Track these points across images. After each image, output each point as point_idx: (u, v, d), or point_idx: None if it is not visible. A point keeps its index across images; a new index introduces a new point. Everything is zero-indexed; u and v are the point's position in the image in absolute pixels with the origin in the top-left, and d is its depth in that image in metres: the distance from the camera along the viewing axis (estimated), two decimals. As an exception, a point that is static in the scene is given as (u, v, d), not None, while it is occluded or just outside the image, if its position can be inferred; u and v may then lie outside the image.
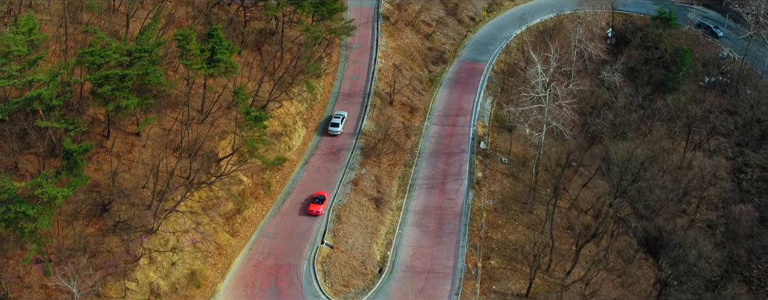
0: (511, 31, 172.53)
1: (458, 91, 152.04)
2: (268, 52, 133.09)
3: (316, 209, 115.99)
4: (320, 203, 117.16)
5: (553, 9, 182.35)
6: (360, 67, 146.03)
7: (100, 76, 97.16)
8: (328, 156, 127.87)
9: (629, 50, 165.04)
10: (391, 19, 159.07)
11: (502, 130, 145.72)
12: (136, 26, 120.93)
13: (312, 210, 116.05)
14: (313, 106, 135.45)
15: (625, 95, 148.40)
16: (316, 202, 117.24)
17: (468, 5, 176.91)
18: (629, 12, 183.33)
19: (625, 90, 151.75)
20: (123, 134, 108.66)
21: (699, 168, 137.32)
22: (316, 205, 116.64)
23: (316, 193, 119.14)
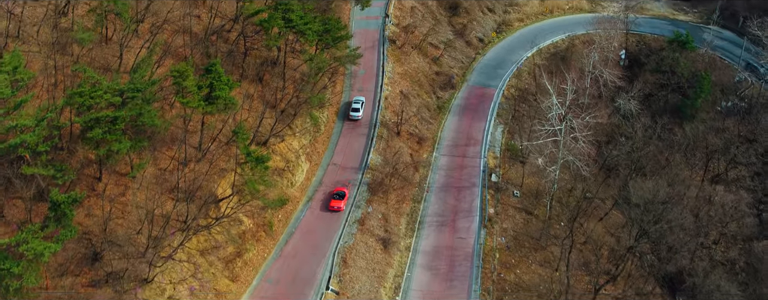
0: (522, 54, 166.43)
1: (468, 118, 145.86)
2: (269, 83, 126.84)
3: (337, 205, 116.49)
4: (340, 199, 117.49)
5: (564, 29, 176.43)
6: (366, 95, 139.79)
7: (89, 119, 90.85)
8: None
9: (644, 75, 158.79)
10: (397, 42, 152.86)
11: (514, 161, 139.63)
12: (130, 57, 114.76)
13: (333, 206, 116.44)
14: (316, 138, 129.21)
15: (643, 126, 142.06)
16: (337, 198, 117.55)
17: (476, 26, 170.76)
18: (643, 33, 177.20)
19: (643, 120, 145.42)
20: (116, 176, 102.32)
21: (720, 204, 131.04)
22: (337, 201, 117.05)
23: (335, 189, 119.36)
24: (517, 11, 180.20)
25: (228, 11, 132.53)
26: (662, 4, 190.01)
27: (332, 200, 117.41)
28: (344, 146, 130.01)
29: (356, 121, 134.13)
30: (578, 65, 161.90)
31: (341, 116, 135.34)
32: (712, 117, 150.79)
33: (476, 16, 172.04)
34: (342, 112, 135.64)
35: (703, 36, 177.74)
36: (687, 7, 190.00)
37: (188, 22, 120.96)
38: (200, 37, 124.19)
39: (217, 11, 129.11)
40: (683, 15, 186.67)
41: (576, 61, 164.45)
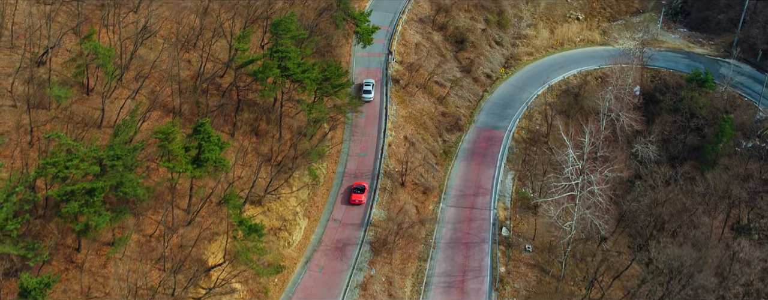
0: (532, 91, 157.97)
1: (476, 164, 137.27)
2: (265, 134, 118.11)
3: (358, 198, 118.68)
4: (361, 193, 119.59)
5: (575, 64, 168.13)
6: (368, 141, 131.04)
7: (65, 192, 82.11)
8: (333, 253, 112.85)
9: (662, 116, 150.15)
10: (401, 81, 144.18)
11: (525, 211, 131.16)
12: (114, 108, 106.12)
13: (354, 200, 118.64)
14: (315, 192, 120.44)
15: (662, 176, 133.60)
16: (358, 192, 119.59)
17: (484, 61, 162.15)
18: (658, 67, 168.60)
19: (662, 169, 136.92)
20: (97, 244, 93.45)
21: (745, 261, 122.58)
22: (358, 195, 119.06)
23: (355, 184, 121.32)
24: (526, 44, 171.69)
25: (220, 53, 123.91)
26: (677, 36, 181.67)
27: (353, 194, 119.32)
28: (345, 200, 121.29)
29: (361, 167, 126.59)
30: (591, 103, 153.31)
31: (343, 164, 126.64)
32: (735, 162, 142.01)
33: (483, 50, 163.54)
34: (342, 162, 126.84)
35: (720, 70, 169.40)
36: (703, 39, 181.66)
37: (177, 69, 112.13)
38: (190, 85, 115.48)
39: (209, 55, 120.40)
40: (699, 48, 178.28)
41: (589, 99, 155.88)
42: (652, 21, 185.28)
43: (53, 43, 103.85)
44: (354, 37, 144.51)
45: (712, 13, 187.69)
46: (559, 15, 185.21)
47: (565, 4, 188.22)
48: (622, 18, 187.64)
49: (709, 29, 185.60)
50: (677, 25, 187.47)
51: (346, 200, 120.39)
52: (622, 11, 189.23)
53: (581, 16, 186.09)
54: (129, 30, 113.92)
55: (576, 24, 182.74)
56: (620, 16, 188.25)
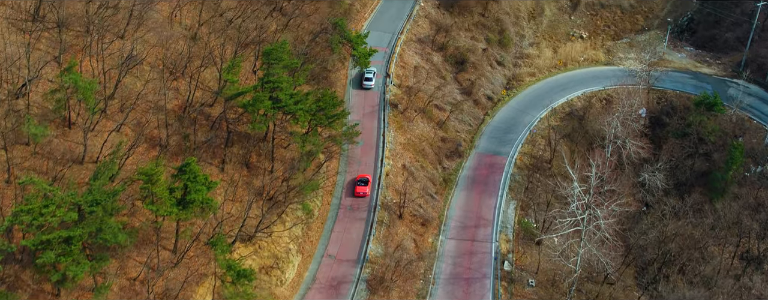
0: (534, 114, 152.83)
1: (477, 193, 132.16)
2: (257, 165, 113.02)
3: (362, 190, 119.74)
4: (365, 185, 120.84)
5: (579, 85, 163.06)
6: (364, 170, 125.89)
7: (40, 241, 77.04)
8: (327, 291, 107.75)
9: (669, 143, 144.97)
10: (399, 106, 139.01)
11: (528, 242, 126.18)
12: (97, 142, 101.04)
13: (359, 192, 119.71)
14: (309, 226, 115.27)
15: (671, 209, 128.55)
16: (361, 184, 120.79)
17: (485, 83, 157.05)
18: (664, 88, 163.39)
19: (671, 202, 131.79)
20: (77, 290, 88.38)
21: (757, 297, 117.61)
22: (362, 187, 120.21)
23: (359, 176, 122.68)
24: (528, 64, 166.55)
25: (210, 81, 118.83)
26: (684, 55, 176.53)
27: (357, 187, 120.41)
28: (341, 233, 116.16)
29: (359, 199, 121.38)
30: (596, 126, 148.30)
31: (338, 196, 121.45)
32: (745, 191, 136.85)
33: (484, 71, 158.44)
34: (337, 194, 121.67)
35: (728, 91, 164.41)
36: (710, 58, 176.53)
37: (164, 100, 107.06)
38: (178, 116, 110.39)
39: (198, 82, 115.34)
40: (707, 67, 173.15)
41: (594, 122, 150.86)
42: (658, 39, 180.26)
43: (33, 74, 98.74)
44: (350, 60, 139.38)
45: (719, 31, 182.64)
46: (562, 33, 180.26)
47: (569, 22, 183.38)
48: (627, 36, 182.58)
49: (717, 48, 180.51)
50: (683, 43, 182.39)
51: (341, 236, 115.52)
52: (626, 29, 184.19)
53: (585, 35, 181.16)
54: (114, 58, 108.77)
55: (579, 43, 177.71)
56: (625, 34, 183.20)
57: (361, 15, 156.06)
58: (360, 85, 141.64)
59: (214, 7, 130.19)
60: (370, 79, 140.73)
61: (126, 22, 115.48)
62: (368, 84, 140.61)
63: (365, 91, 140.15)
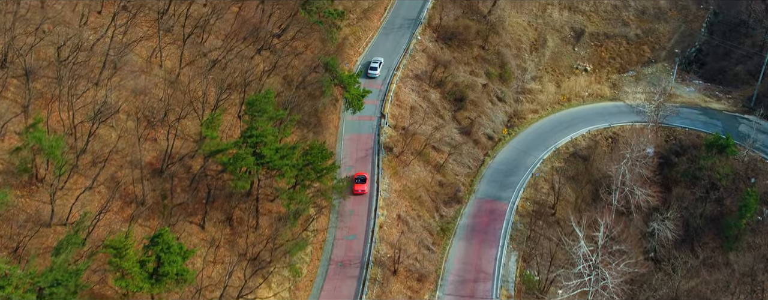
0: (537, 155, 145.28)
1: (476, 243, 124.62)
2: (240, 222, 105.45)
3: (361, 188, 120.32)
4: (363, 183, 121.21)
5: (584, 122, 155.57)
6: (356, 221, 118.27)
7: (-8, 330, 69.46)
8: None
9: (680, 189, 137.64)
10: (395, 149, 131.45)
11: (530, 298, 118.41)
12: (68, 200, 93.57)
13: (357, 190, 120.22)
14: (297, 285, 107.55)
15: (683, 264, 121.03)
16: (359, 182, 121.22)
17: (485, 120, 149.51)
18: (672, 126, 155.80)
19: (681, 257, 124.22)
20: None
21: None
22: (360, 185, 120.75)
23: (356, 174, 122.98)
24: (530, 100, 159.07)
25: (190, 129, 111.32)
26: (692, 89, 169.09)
27: (356, 184, 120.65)
28: (331, 292, 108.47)
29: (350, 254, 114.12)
30: (601, 166, 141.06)
31: (328, 252, 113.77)
32: (760, 240, 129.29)
33: (485, 108, 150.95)
34: (328, 248, 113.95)
35: (739, 128, 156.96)
36: (720, 92, 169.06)
37: (139, 154, 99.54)
38: (155, 169, 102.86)
39: (179, 131, 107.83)
40: (716, 102, 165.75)
41: (599, 162, 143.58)
42: (665, 72, 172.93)
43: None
44: (343, 102, 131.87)
45: (728, 63, 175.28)
46: (566, 66, 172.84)
47: (572, 54, 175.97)
48: (633, 69, 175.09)
49: (726, 81, 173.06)
50: (691, 76, 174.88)
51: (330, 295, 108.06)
52: (632, 61, 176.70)
53: (589, 67, 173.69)
54: (88, 108, 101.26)
55: (584, 77, 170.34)
56: (631, 67, 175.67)
57: (355, 49, 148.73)
58: (366, 74, 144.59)
59: (197, 47, 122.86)
60: (375, 68, 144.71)
61: (101, 68, 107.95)
62: (373, 73, 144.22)
63: (359, 135, 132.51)
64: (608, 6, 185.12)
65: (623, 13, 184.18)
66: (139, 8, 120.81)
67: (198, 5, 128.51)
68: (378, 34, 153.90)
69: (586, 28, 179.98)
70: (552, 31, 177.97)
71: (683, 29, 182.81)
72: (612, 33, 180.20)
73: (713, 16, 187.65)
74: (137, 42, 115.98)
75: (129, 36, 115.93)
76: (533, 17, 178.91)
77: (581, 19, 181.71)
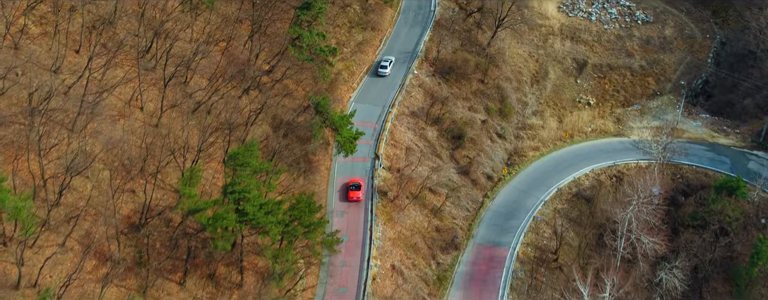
0: (538, 196, 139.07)
1: (475, 293, 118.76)
2: (224, 278, 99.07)
3: (356, 195, 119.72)
4: (357, 190, 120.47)
5: (587, 159, 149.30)
6: (348, 273, 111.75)
7: None
8: None
9: (687, 234, 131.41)
10: (389, 194, 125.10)
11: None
12: (36, 261, 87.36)
13: (352, 197, 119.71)
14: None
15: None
16: (354, 189, 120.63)
17: (485, 160, 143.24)
18: (679, 163, 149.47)
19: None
20: None
21: None
22: (355, 192, 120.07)
23: (351, 181, 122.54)
24: (531, 137, 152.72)
25: (172, 178, 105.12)
26: (699, 124, 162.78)
27: (350, 192, 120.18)
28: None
29: None
30: (606, 208, 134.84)
31: None
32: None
33: (483, 146, 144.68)
34: None
35: (748, 165, 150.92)
36: (728, 126, 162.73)
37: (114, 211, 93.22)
38: (133, 223, 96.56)
39: (158, 180, 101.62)
40: (724, 137, 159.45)
41: (603, 203, 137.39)
42: (671, 105, 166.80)
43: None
44: (335, 145, 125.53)
45: (736, 96, 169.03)
46: (568, 99, 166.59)
47: (575, 86, 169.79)
48: (638, 102, 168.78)
49: (734, 115, 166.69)
50: (698, 109, 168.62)
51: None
52: (637, 94, 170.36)
53: (592, 101, 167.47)
54: (62, 158, 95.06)
55: (587, 111, 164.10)
56: (636, 100, 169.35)
57: (348, 85, 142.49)
58: (376, 73, 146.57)
59: (180, 87, 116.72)
60: (386, 67, 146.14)
61: (76, 113, 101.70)
62: (383, 72, 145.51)
63: (352, 178, 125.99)
64: (611, 36, 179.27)
65: (627, 43, 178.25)
66: (120, 46, 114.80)
67: (183, 42, 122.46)
68: (372, 70, 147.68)
69: (588, 58, 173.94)
70: (554, 62, 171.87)
71: (689, 60, 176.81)
72: (615, 64, 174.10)
73: (720, 46, 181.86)
74: (116, 84, 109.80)
75: (108, 78, 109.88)
76: (534, 48, 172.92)
77: (584, 49, 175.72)
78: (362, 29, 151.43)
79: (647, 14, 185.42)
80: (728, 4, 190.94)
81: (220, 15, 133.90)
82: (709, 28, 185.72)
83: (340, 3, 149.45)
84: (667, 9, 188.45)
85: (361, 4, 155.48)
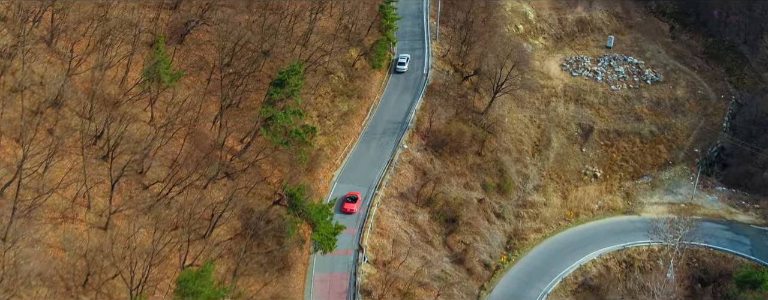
0: (540, 287, 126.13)
1: None
2: None
3: (350, 207, 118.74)
4: (353, 202, 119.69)
5: (594, 242, 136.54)
6: None
7: None
8: None
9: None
10: (374, 293, 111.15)
11: None
12: None
13: (346, 209, 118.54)
14: None
15: None
16: (350, 201, 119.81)
17: (481, 245, 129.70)
18: (695, 245, 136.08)
19: None
20: None
21: None
22: (350, 204, 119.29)
23: (348, 194, 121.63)
24: (532, 217, 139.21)
25: (122, 292, 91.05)
26: (716, 198, 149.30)
27: (345, 203, 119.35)
28: None
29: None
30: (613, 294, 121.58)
31: None
32: None
33: (480, 228, 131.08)
34: None
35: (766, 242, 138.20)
36: (747, 201, 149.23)
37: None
38: None
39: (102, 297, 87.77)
40: (743, 214, 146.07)
41: (612, 293, 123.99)
42: (684, 177, 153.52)
43: None
44: (311, 242, 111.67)
45: (754, 167, 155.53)
46: (573, 171, 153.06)
47: (580, 155, 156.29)
48: (649, 173, 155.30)
49: (753, 187, 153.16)
50: (714, 181, 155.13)
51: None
52: (647, 164, 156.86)
53: (599, 173, 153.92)
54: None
55: (593, 185, 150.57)
56: (646, 171, 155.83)
57: (331, 161, 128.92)
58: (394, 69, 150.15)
59: (135, 179, 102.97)
60: (403, 63, 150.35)
61: (10, 218, 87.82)
62: (401, 68, 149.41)
63: (331, 274, 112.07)
64: (619, 98, 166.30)
65: (636, 106, 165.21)
66: (67, 131, 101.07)
67: (142, 123, 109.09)
68: (358, 142, 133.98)
69: (594, 124, 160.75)
70: (557, 128, 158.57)
71: (703, 124, 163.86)
72: (624, 130, 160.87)
73: (736, 108, 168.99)
74: (60, 181, 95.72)
75: (51, 171, 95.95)
76: (536, 112, 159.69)
77: (589, 113, 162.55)
78: (347, 98, 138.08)
79: (657, 73, 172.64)
80: (743, 61, 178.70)
81: (188, 87, 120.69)
82: (723, 87, 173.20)
83: (322, 70, 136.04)
84: (678, 66, 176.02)
85: (346, 71, 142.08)
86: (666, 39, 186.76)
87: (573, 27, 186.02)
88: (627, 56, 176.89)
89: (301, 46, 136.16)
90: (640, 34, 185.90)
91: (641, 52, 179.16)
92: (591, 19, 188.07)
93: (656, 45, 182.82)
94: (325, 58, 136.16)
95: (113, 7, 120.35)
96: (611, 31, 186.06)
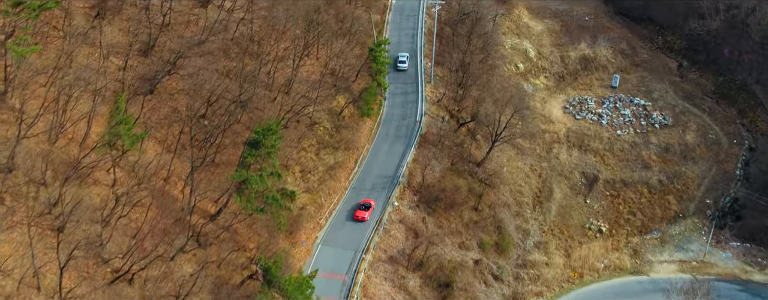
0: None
1: None
2: None
3: (362, 215, 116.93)
4: (366, 210, 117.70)
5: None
6: None
7: None
8: None
9: None
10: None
11: None
12: None
13: (358, 216, 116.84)
14: None
15: None
16: (362, 209, 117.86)
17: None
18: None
19: None
20: None
21: None
22: (362, 212, 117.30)
23: (362, 201, 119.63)
24: (533, 278, 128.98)
25: None
26: (730, 255, 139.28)
27: (358, 210, 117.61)
28: None
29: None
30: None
31: None
32: None
33: (476, 292, 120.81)
34: None
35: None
36: (762, 258, 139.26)
37: None
38: None
39: None
40: (759, 272, 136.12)
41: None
42: (696, 231, 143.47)
43: None
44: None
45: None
46: (576, 225, 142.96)
47: (583, 207, 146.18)
48: (658, 227, 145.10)
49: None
50: (727, 235, 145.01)
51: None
52: (656, 217, 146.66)
53: (604, 227, 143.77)
54: None
55: (598, 241, 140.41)
56: (655, 225, 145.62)
57: (315, 221, 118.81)
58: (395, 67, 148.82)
59: (94, 252, 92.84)
60: (404, 61, 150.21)
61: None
62: (402, 66, 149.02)
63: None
64: (625, 143, 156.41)
65: (643, 152, 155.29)
66: (19, 198, 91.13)
67: (103, 187, 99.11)
68: (344, 199, 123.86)
69: (599, 172, 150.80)
70: (559, 177, 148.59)
71: (714, 172, 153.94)
72: (630, 179, 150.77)
73: (749, 154, 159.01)
74: (9, 254, 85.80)
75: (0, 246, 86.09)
76: (537, 159, 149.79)
77: (593, 160, 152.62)
78: (334, 150, 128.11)
79: (665, 115, 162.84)
80: (756, 103, 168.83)
81: (159, 142, 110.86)
82: (735, 131, 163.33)
83: (306, 121, 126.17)
84: (688, 108, 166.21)
85: (333, 121, 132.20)
86: (674, 77, 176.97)
87: (576, 65, 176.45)
88: (633, 97, 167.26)
89: (283, 94, 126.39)
90: (647, 73, 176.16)
91: (648, 92, 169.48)
92: (595, 57, 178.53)
93: (664, 84, 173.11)
94: (310, 107, 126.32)
95: (77, 54, 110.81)
96: (616, 69, 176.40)
